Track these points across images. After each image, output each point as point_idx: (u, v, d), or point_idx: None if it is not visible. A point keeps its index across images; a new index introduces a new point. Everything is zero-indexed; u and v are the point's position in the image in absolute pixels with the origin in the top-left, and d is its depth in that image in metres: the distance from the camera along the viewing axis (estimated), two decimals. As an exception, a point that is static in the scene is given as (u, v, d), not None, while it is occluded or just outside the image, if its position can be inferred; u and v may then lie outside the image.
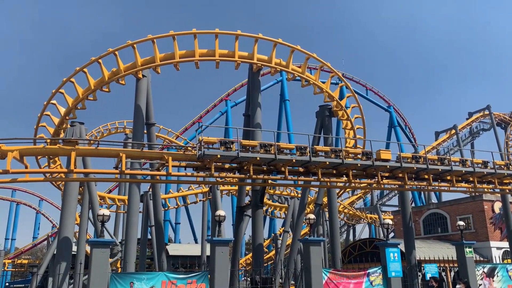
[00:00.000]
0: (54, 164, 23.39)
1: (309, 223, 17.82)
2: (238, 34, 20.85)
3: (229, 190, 40.30)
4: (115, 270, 32.47)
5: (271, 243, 47.28)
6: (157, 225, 24.91)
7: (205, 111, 61.90)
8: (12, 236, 73.80)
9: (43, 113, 21.86)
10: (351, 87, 26.85)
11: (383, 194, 62.75)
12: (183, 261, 26.33)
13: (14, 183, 17.67)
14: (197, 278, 14.47)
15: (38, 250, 73.30)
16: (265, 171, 18.39)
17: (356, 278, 17.42)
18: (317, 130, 24.68)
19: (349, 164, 18.62)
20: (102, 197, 34.67)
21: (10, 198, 72.80)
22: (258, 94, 23.19)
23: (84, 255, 23.87)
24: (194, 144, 17.81)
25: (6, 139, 15.43)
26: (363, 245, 32.77)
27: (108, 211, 15.26)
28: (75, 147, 16.11)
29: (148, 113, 22.52)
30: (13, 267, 60.00)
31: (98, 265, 13.29)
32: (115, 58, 19.78)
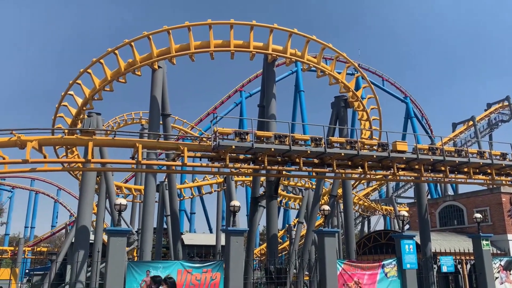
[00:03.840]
0: (72, 154, 23.76)
1: (324, 214, 17.81)
2: (253, 25, 20.77)
3: (243, 180, 40.50)
4: (132, 258, 33.01)
5: (285, 234, 47.43)
6: (173, 215, 25.18)
7: (220, 102, 62.07)
8: (31, 224, 75.48)
9: (60, 103, 22.19)
10: (367, 78, 26.58)
11: (398, 186, 62.23)
12: (198, 250, 26.68)
13: (33, 172, 18.03)
14: (212, 267, 14.63)
15: (57, 238, 74.87)
16: (280, 162, 18.42)
17: (370, 269, 17.39)
18: (332, 121, 24.54)
19: (364, 155, 18.51)
20: (118, 186, 35.20)
21: (29, 187, 74.33)
22: (273, 85, 23.12)
23: (101, 243, 24.28)
24: (209, 135, 17.92)
25: (25, 129, 15.75)
26: (378, 237, 32.63)
27: (125, 200, 15.49)
28: (93, 138, 16.37)
29: (164, 104, 22.66)
30: (33, 255, 61.44)
31: (115, 254, 13.53)
32: (131, 49, 19.91)
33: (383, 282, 17.46)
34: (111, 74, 20.32)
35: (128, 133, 18.18)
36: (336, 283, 16.20)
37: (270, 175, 21.12)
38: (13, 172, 18.97)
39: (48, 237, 72.83)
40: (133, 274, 13.49)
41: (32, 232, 76.11)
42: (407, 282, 17.57)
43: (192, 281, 14.12)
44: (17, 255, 48.91)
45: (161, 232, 31.80)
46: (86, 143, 16.18)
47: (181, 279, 14.02)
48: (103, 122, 22.07)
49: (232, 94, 62.34)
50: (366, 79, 26.20)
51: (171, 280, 8.90)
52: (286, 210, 55.24)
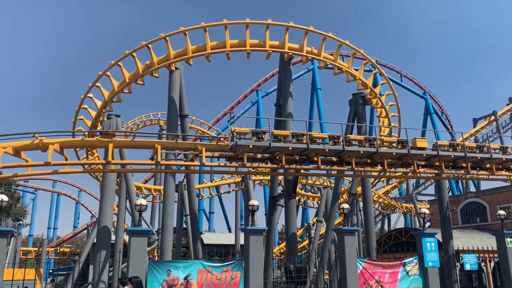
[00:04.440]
0: (92, 156, 24.12)
1: (343, 212, 17.69)
2: (268, 24, 20.75)
3: (261, 180, 40.51)
4: (152, 258, 33.38)
5: (304, 232, 47.28)
6: (192, 215, 25.36)
7: (236, 102, 62.20)
8: (54, 225, 77.11)
9: (80, 106, 22.53)
10: (385, 74, 26.28)
11: (419, 183, 61.41)
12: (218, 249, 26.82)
13: (55, 174, 18.38)
14: (232, 266, 14.68)
15: (79, 239, 76.18)
16: (298, 160, 18.37)
17: (391, 268, 17.21)
18: (350, 119, 24.35)
19: (384, 152, 18.33)
20: (138, 187, 35.61)
21: (51, 189, 75.94)
22: (290, 84, 23.07)
23: (122, 243, 24.63)
24: (226, 135, 17.99)
25: (47, 132, 16.08)
26: (398, 235, 32.26)
27: (145, 201, 15.67)
28: (112, 139, 16.62)
29: (181, 105, 22.83)
30: (56, 255, 62.72)
31: (137, 253, 13.70)
32: (149, 51, 20.10)
33: (405, 281, 17.26)
34: (129, 76, 20.56)
35: (147, 134, 18.44)
36: (357, 281, 16.09)
37: (288, 174, 21.08)
38: (36, 174, 19.45)
39: (70, 237, 74.19)
40: (154, 274, 13.64)
41: (55, 233, 77.70)
42: (429, 281, 17.33)
43: (213, 281, 14.21)
44: (41, 255, 49.99)
45: (181, 231, 32.05)
46: (106, 145, 16.43)
47: (201, 279, 14.12)
48: (122, 124, 22.36)
49: (249, 94, 62.43)
50: (384, 76, 25.91)
51: (137, 280, 8.96)
52: (305, 209, 55.05)
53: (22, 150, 16.13)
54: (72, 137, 17.42)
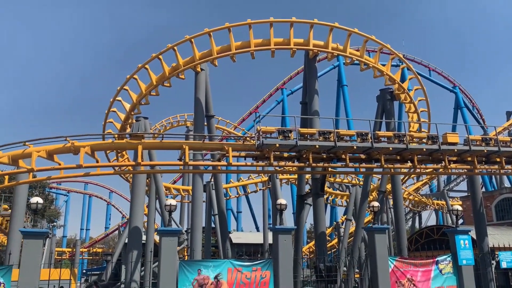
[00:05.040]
0: (122, 158, 24.61)
1: (373, 210, 17.45)
2: (293, 21, 20.65)
3: (288, 178, 40.40)
4: (182, 257, 33.78)
5: (333, 231, 46.90)
6: (220, 214, 25.53)
7: (261, 101, 62.27)
8: (86, 226, 79.07)
9: (110, 109, 23.02)
10: (413, 69, 25.76)
11: (450, 179, 60.00)
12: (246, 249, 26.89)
13: (87, 176, 18.83)
14: (261, 265, 14.69)
15: (110, 239, 77.85)
16: (325, 158, 18.20)
17: (424, 266, 16.86)
18: (378, 115, 23.99)
19: (413, 149, 17.97)
20: (167, 187, 36.10)
21: (83, 191, 77.92)
22: (315, 81, 22.90)
23: (153, 243, 25.00)
24: (252, 134, 18.02)
25: (78, 136, 16.49)
26: (430, 233, 31.56)
27: (175, 201, 15.86)
28: (141, 141, 16.89)
29: (208, 106, 23.01)
30: (89, 256, 64.33)
31: (168, 253, 13.89)
32: (175, 53, 20.34)
33: (438, 279, 16.89)
34: (157, 79, 20.86)
35: (174, 135, 18.67)
36: (389, 280, 15.84)
37: (316, 172, 20.93)
38: (68, 177, 19.97)
39: (102, 238, 75.92)
40: (185, 273, 13.78)
41: (87, 234, 79.63)
42: (463, 279, 16.91)
43: (243, 280, 14.25)
44: (75, 256, 51.35)
45: (210, 231, 32.31)
46: (136, 146, 16.72)
47: (231, 278, 14.19)
48: (151, 126, 22.71)
49: (274, 92, 62.38)
50: (412, 70, 25.40)
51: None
52: (333, 207, 54.65)
53: (55, 153, 16.57)
54: (102, 139, 17.81)
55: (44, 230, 14.08)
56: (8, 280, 12.74)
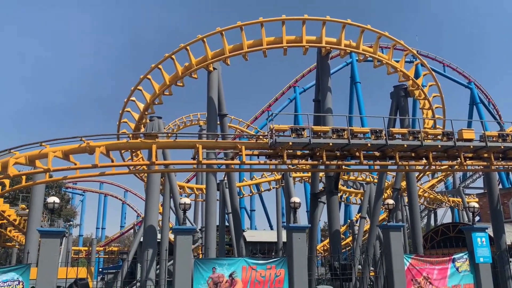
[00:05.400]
0: (137, 157, 24.81)
1: (388, 208, 17.32)
2: (305, 19, 20.56)
3: (301, 177, 40.31)
4: (196, 256, 33.97)
5: (348, 229, 46.68)
6: (234, 212, 25.59)
7: (274, 99, 62.16)
8: (102, 225, 79.97)
9: (124, 109, 23.22)
10: (427, 65, 25.44)
11: (466, 176, 59.16)
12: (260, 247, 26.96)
13: (102, 176, 19.03)
14: (276, 263, 14.71)
15: (126, 238, 78.64)
16: (339, 156, 18.12)
17: (440, 264, 16.70)
18: (392, 112, 23.77)
19: (428, 145, 17.78)
20: (181, 186, 36.32)
21: (98, 190, 78.82)
22: (328, 78, 22.78)
23: (168, 242, 25.19)
24: (265, 133, 18.02)
25: (93, 136, 16.67)
26: (446, 230, 31.24)
27: (189, 199, 15.95)
28: (156, 141, 17.01)
29: (220, 104, 23.06)
30: (105, 254, 65.08)
31: (183, 251, 13.99)
32: (187, 53, 20.41)
33: (455, 277, 16.72)
34: (170, 79, 20.97)
35: (188, 134, 18.77)
36: (404, 278, 15.73)
37: (329, 170, 20.84)
38: (84, 176, 20.20)
39: (118, 237, 76.71)
40: (200, 271, 13.87)
41: (103, 232, 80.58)
42: (481, 277, 16.71)
43: (257, 278, 14.28)
44: (91, 254, 52.01)
45: (224, 229, 32.45)
46: (150, 146, 16.85)
47: (246, 276, 14.23)
48: (164, 125, 22.85)
49: (286, 90, 62.21)
50: (426, 66, 25.10)
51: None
52: (347, 205, 54.32)
53: (70, 153, 16.77)
54: (117, 139, 17.98)
55: (61, 229, 14.26)
56: (27, 279, 12.96)
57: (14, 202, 42.33)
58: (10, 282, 12.58)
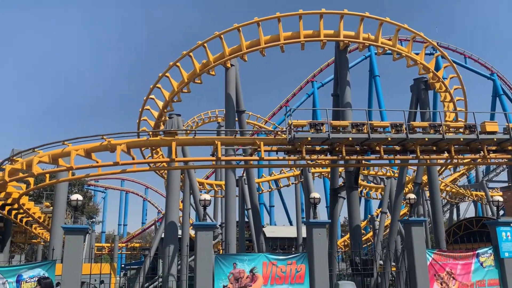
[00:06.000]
0: (157, 155, 25.08)
1: (409, 203, 17.11)
2: (322, 13, 20.40)
3: (320, 172, 40.11)
4: (217, 251, 34.20)
5: (368, 224, 46.30)
6: (253, 208, 25.67)
7: (292, 94, 61.91)
8: (124, 222, 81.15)
9: (143, 107, 23.49)
10: (448, 56, 24.97)
11: (489, 170, 57.90)
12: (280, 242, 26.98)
13: (124, 173, 19.31)
14: (296, 259, 14.70)
15: (147, 234, 79.65)
16: (358, 151, 17.96)
17: (464, 259, 16.42)
18: (412, 105, 23.43)
19: (450, 139, 17.47)
20: (201, 183, 36.55)
21: (120, 187, 79.97)
22: (347, 72, 22.58)
23: (189, 238, 25.43)
24: (283, 128, 17.97)
25: (114, 134, 16.91)
26: (469, 225, 30.68)
27: (209, 196, 16.05)
28: (175, 138, 17.15)
29: (238, 101, 23.09)
30: (127, 250, 66.11)
31: (204, 247, 14.09)
32: (205, 50, 20.48)
33: (479, 272, 16.42)
34: (188, 76, 21.10)
35: (206, 131, 18.85)
36: (427, 273, 15.52)
37: (349, 165, 20.69)
38: (106, 174, 20.54)
39: (139, 233, 77.77)
40: (221, 267, 13.95)
41: (125, 229, 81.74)
42: (506, 272, 16.38)
43: (278, 273, 14.30)
44: (113, 251, 52.92)
45: (243, 225, 32.54)
46: (170, 143, 17.00)
47: (266, 271, 14.26)
48: (183, 123, 23.03)
49: (304, 85, 61.87)
50: (447, 58, 24.63)
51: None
52: (367, 200, 53.88)
53: (92, 151, 17.05)
54: (137, 137, 18.20)
55: (84, 226, 14.51)
56: (52, 275, 13.24)
57: (39, 200, 43.33)
58: (36, 277, 12.88)
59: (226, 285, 13.81)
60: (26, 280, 12.71)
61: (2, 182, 18.71)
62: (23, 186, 23.20)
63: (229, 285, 13.82)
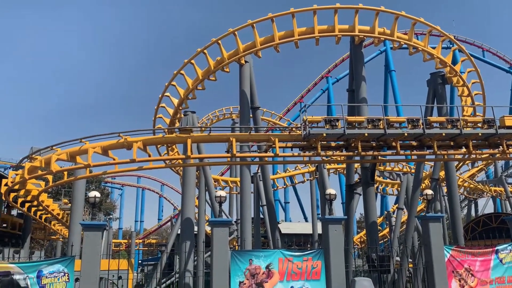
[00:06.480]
0: (172, 152, 25.26)
1: (426, 199, 16.91)
2: (337, 7, 20.23)
3: (336, 168, 39.88)
4: (232, 248, 34.36)
5: (384, 221, 45.94)
6: (269, 205, 25.67)
7: (306, 90, 61.66)
8: (140, 218, 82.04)
9: (159, 105, 23.65)
10: (465, 50, 24.55)
11: (508, 165, 56.81)
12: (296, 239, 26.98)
13: (140, 170, 19.49)
14: (312, 255, 14.68)
15: (163, 231, 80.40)
16: (374, 147, 17.82)
17: (483, 255, 16.20)
18: (429, 100, 23.12)
19: (468, 134, 17.21)
20: (216, 179, 36.68)
21: (136, 184, 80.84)
22: (362, 67, 22.39)
23: (204, 234, 25.59)
24: (298, 125, 17.90)
25: (130, 132, 17.08)
26: (487, 221, 30.34)
27: (224, 192, 16.12)
28: (190, 135, 17.25)
29: (253, 97, 23.08)
30: (144, 247, 66.80)
31: (220, 243, 14.18)
32: (219, 47, 20.50)
33: (498, 269, 16.19)
34: (202, 73, 21.16)
35: (221, 128, 18.92)
36: (445, 270, 15.36)
37: (365, 161, 20.54)
38: (123, 171, 20.79)
39: (156, 230, 78.56)
40: (237, 263, 14.02)
41: (141, 225, 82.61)
42: (526, 269, 16.10)
43: (294, 270, 14.31)
44: (130, 247, 53.53)
45: (259, 221, 32.60)
46: (185, 140, 17.10)
47: (282, 267, 14.29)
48: (198, 120, 23.12)
49: (318, 81, 61.55)
50: (464, 52, 24.22)
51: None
52: (383, 196, 53.40)
53: (109, 149, 17.25)
54: (153, 134, 18.34)
55: (102, 223, 14.70)
56: (72, 270, 13.48)
57: (57, 197, 44.10)
58: (56, 273, 13.13)
59: (242, 281, 13.87)
60: (46, 275, 12.98)
61: (22, 179, 19.07)
62: (42, 183, 23.61)
63: (245, 281, 13.88)
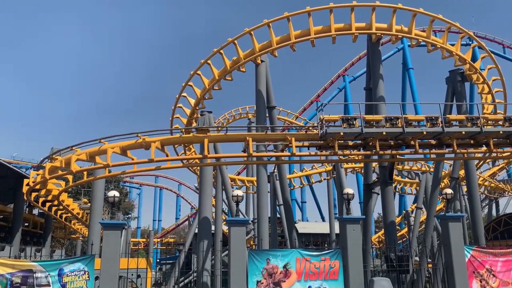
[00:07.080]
0: (189, 151, 25.43)
1: (446, 198, 16.66)
2: (353, 5, 20.07)
3: (353, 167, 39.60)
4: (249, 247, 34.42)
5: (403, 220, 45.43)
6: (285, 204, 25.63)
7: (323, 89, 61.30)
8: (158, 217, 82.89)
9: (176, 105, 23.83)
10: (485, 47, 24.10)
11: (531, 163, 55.61)
12: (313, 238, 26.87)
13: (158, 170, 19.68)
14: (330, 255, 14.61)
15: (181, 230, 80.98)
16: (393, 146, 17.62)
17: (505, 255, 15.89)
18: (448, 98, 22.76)
19: (489, 132, 16.88)
20: (232, 179, 36.80)
21: (154, 184, 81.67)
22: (379, 65, 22.16)
23: (221, 233, 25.69)
24: (314, 124, 17.82)
25: (148, 132, 17.25)
26: (509, 220, 29.69)
27: (241, 192, 16.16)
28: (207, 134, 17.34)
29: (269, 97, 23.06)
30: (162, 246, 67.38)
31: (237, 242, 14.22)
32: (235, 46, 20.55)
33: (521, 270, 15.83)
34: (218, 73, 21.25)
35: (238, 128, 18.97)
36: (465, 270, 15.12)
37: (383, 160, 20.33)
38: (141, 171, 21.01)
39: (173, 229, 79.20)
40: (254, 262, 14.04)
41: (159, 224, 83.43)
42: (550, 270, 15.72)
43: (311, 269, 14.26)
44: (149, 246, 54.07)
45: (275, 221, 32.58)
46: (202, 140, 17.20)
47: (300, 267, 14.26)
48: (215, 119, 23.22)
49: (335, 80, 61.14)
50: (484, 48, 23.77)
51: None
52: (402, 195, 52.84)
53: (128, 149, 17.46)
54: (170, 134, 18.49)
55: (121, 222, 14.89)
56: (92, 269, 13.69)
57: (77, 197, 44.83)
58: (77, 272, 13.36)
59: (260, 280, 13.89)
60: (67, 274, 13.21)
61: (43, 179, 19.44)
62: (62, 183, 24.03)
63: (263, 280, 13.89)
